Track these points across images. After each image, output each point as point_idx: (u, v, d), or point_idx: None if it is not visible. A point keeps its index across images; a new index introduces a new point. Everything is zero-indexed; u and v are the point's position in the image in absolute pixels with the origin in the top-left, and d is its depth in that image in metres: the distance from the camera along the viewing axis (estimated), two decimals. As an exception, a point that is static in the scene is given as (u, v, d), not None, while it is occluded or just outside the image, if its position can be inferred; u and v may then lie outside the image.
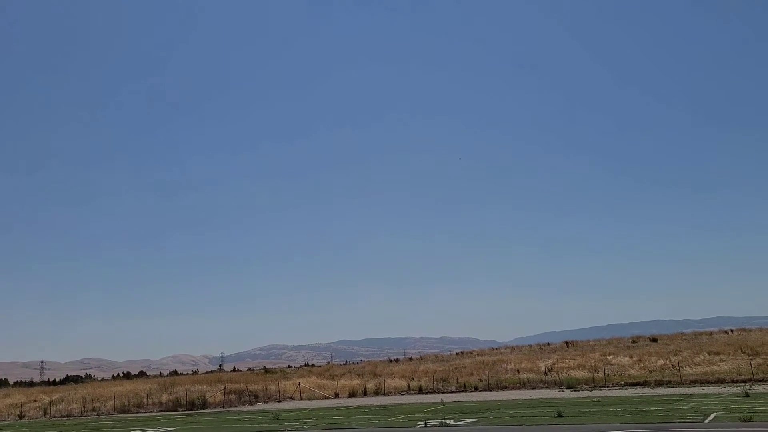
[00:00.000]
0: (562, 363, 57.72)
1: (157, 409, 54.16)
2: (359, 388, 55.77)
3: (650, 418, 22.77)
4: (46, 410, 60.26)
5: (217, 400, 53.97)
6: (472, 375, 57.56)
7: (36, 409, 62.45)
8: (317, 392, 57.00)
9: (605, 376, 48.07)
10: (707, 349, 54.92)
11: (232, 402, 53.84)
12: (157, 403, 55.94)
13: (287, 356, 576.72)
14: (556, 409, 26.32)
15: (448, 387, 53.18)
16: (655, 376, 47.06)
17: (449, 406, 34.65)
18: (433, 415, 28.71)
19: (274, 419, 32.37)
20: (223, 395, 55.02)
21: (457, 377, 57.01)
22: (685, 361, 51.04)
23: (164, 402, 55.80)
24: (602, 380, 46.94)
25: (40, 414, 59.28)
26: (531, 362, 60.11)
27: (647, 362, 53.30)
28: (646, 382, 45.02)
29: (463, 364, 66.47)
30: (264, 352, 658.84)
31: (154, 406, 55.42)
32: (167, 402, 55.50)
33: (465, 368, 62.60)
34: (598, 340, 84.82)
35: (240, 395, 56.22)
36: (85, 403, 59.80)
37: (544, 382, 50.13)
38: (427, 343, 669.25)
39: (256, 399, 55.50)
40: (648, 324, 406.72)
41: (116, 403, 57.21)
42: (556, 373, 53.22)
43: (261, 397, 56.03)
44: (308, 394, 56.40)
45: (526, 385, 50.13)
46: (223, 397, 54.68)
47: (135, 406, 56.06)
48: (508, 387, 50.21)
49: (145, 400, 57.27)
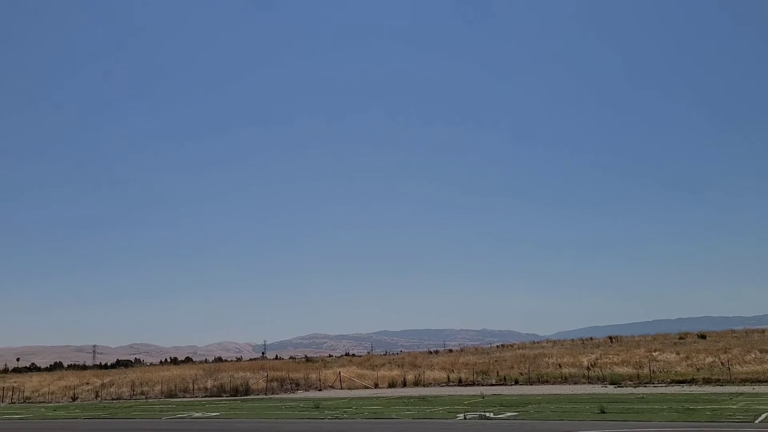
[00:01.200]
0: (606, 358, 56.73)
1: (202, 394, 55.53)
2: (399, 378, 56.01)
3: (697, 417, 22.23)
4: (97, 393, 62.50)
5: (259, 387, 55.00)
6: (513, 368, 57.14)
7: (88, 391, 64.83)
8: (357, 382, 57.50)
9: (650, 372, 47.05)
10: (759, 347, 53.22)
11: (274, 389, 54.78)
12: (202, 389, 57.36)
13: (328, 345, 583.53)
14: (598, 405, 25.95)
15: (488, 380, 52.93)
16: (703, 374, 45.83)
17: (489, 398, 34.52)
18: (473, 408, 28.65)
19: (315, 407, 32.83)
20: (266, 383, 56.03)
21: (497, 370, 56.69)
22: (735, 359, 49.56)
23: (209, 388, 57.18)
24: (647, 377, 45.98)
25: (92, 396, 61.53)
26: (573, 357, 59.29)
27: (695, 359, 51.95)
28: (693, 379, 43.91)
29: (504, 357, 66.05)
30: (305, 341, 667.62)
31: (199, 391, 56.85)
32: (212, 388, 56.85)
33: (505, 361, 62.19)
34: (644, 336, 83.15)
35: (282, 383, 57.16)
36: (135, 387, 61.79)
37: (587, 377, 49.40)
38: (468, 335, 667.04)
39: (297, 387, 56.35)
40: (696, 320, 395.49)
41: (164, 388, 58.92)
42: (599, 368, 52.37)
43: (302, 386, 56.86)
44: (348, 384, 56.94)
45: (568, 379, 49.50)
46: (265, 384, 55.69)
47: (181, 391, 57.64)
48: (549, 381, 49.67)
49: (191, 386, 58.81)
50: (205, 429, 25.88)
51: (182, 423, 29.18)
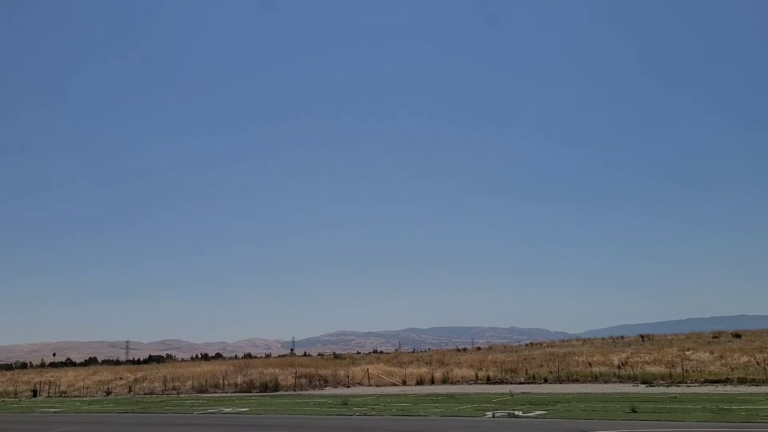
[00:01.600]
0: (637, 357, 55.83)
1: (232, 390, 56.23)
2: (427, 376, 55.94)
3: (732, 417, 21.75)
4: (130, 387, 63.73)
5: (288, 384, 55.47)
6: (542, 366, 56.60)
7: (122, 386, 66.17)
8: (385, 379, 57.59)
9: (683, 372, 46.17)
10: (796, 347, 51.79)
11: (303, 386, 55.19)
12: (232, 384, 58.09)
13: (356, 342, 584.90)
14: (630, 404, 25.56)
15: (516, 378, 52.55)
16: (738, 373, 44.75)
17: (518, 397, 34.28)
18: (501, 406, 28.48)
19: (344, 404, 32.98)
20: (295, 379, 56.47)
21: (526, 368, 56.22)
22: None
23: (239, 383, 57.87)
24: (680, 376, 45.13)
25: (125, 391, 62.77)
26: (603, 355, 58.48)
27: (729, 359, 50.78)
28: (728, 379, 42.91)
29: (533, 356, 65.47)
30: (333, 338, 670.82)
31: (229, 387, 57.58)
32: (242, 384, 57.53)
33: (534, 359, 61.64)
34: (676, 335, 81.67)
35: (310, 379, 57.57)
36: (166, 382, 62.86)
37: (618, 376, 48.69)
38: (496, 333, 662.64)
39: (325, 384, 56.67)
40: (731, 319, 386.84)
41: (194, 383, 59.82)
42: (631, 367, 51.56)
43: (330, 382, 57.17)
44: (376, 381, 57.07)
45: (599, 378, 48.84)
46: (294, 380, 56.14)
47: (212, 387, 58.45)
48: (579, 380, 49.08)
49: (221, 381, 59.60)
50: (236, 424, 26.19)
51: (213, 418, 29.60)
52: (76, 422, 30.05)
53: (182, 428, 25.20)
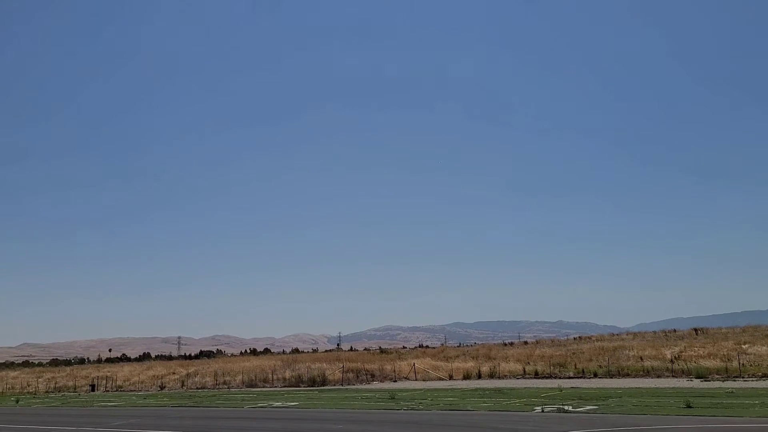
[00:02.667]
0: (691, 351, 54.35)
1: (280, 384, 57.14)
2: (473, 370, 55.71)
3: (793, 413, 21.00)
4: (183, 382, 65.47)
5: (336, 378, 56.04)
6: (591, 361, 55.67)
7: (175, 380, 68.03)
8: (432, 373, 57.61)
9: (740, 366, 44.72)
10: None
11: (350, 380, 55.66)
12: (280, 379, 59.04)
13: (401, 337, 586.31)
14: (684, 399, 24.93)
15: (565, 372, 51.83)
16: (798, 367, 43.15)
17: (567, 391, 33.83)
18: (551, 401, 28.18)
19: (391, 398, 33.17)
20: (342, 373, 57.02)
21: (574, 363, 55.41)
22: (834, 353, 46.35)
23: (287, 378, 58.77)
24: (736, 371, 43.72)
25: (178, 385, 64.51)
26: (655, 349, 57.14)
27: (789, 352, 48.98)
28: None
29: (581, 350, 64.43)
30: (379, 333, 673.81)
31: (278, 381, 58.54)
32: (290, 378, 58.40)
33: (583, 354, 60.66)
34: (732, 328, 79.07)
35: (357, 374, 58.01)
36: (217, 377, 64.35)
37: (670, 370, 47.49)
38: (543, 327, 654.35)
39: (372, 378, 57.03)
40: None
41: (244, 378, 61.03)
42: (684, 361, 50.22)
43: (377, 377, 57.51)
44: (423, 375, 57.15)
45: (650, 373, 47.72)
46: (341, 375, 56.69)
47: (261, 381, 59.53)
48: (630, 375, 48.07)
49: (270, 376, 60.65)
50: (285, 418, 26.66)
51: (264, 412, 30.19)
52: (133, 416, 31.09)
53: (235, 422, 25.81)
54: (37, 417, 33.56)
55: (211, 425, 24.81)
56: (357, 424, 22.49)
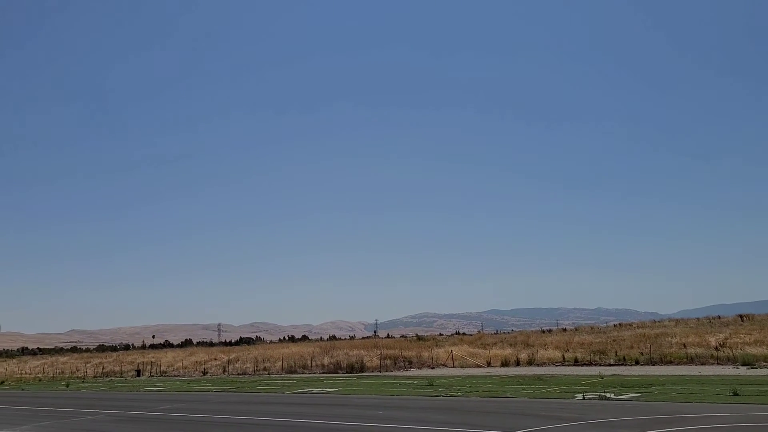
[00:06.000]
0: (736, 338, 52.97)
1: (319, 371, 57.86)
2: (512, 357, 55.41)
3: None
4: (224, 368, 66.83)
5: (373, 365, 56.46)
6: (632, 348, 54.76)
7: (216, 366, 69.50)
8: (469, 360, 57.52)
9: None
10: None
11: (388, 367, 56.00)
12: (319, 365, 59.77)
13: (438, 324, 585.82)
14: (730, 387, 24.39)
15: (605, 360, 51.14)
16: None
17: (608, 379, 33.41)
18: (592, 388, 27.87)
19: (429, 385, 33.27)
20: (379, 360, 57.40)
21: (615, 350, 54.56)
22: None
23: (326, 364, 59.46)
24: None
25: (219, 371, 65.90)
26: (699, 336, 55.88)
27: (841, 340, 47.35)
28: (839, 361, 40.05)
29: (622, 337, 63.42)
30: (415, 320, 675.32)
31: (316, 368, 59.28)
32: (328, 365, 59.08)
33: (624, 341, 59.71)
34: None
35: (395, 361, 58.33)
36: (257, 363, 65.49)
37: (715, 358, 46.43)
38: (581, 314, 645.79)
39: (410, 365, 57.28)
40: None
41: (284, 364, 61.99)
42: (729, 348, 48.98)
43: (415, 364, 57.72)
44: (460, 362, 57.11)
45: (694, 360, 46.75)
46: (379, 362, 57.07)
47: (300, 367, 60.38)
48: (673, 362, 47.14)
49: (308, 362, 61.45)
50: (326, 403, 27.01)
51: (304, 397, 30.65)
52: (178, 400, 31.91)
53: (277, 407, 26.25)
54: (88, 401, 34.72)
55: (253, 410, 25.30)
56: (397, 410, 22.65)
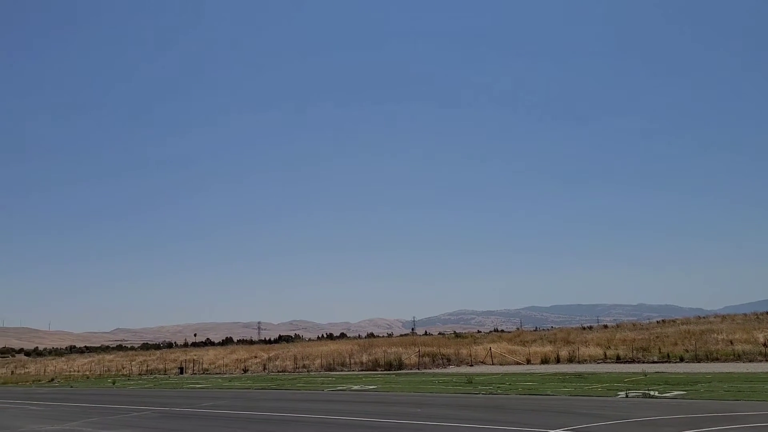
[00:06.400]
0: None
1: (358, 368, 58.15)
2: (552, 355, 54.75)
3: None
4: (265, 365, 67.77)
5: (412, 362, 56.48)
6: (677, 345, 53.57)
7: (257, 364, 70.51)
8: (508, 358, 57.07)
9: (843, 350, 41.89)
10: None
11: (426, 364, 55.96)
12: (357, 363, 60.07)
13: (476, 321, 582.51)
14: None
15: (649, 357, 50.09)
16: None
17: (652, 376, 32.74)
18: (635, 386, 27.36)
19: (468, 382, 33.14)
20: (418, 357, 57.40)
21: (659, 347, 53.43)
22: None
23: (364, 362, 59.73)
24: (839, 355, 40.99)
25: (260, 369, 66.83)
26: (746, 332, 54.34)
27: None
28: None
29: (666, 333, 62.15)
30: (453, 317, 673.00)
31: (355, 365, 59.60)
32: (367, 362, 59.33)
33: (668, 337, 58.49)
34: (832, 310, 74.18)
35: (433, 358, 58.23)
36: (297, 361, 66.18)
37: (764, 354, 45.04)
38: (623, 310, 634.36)
39: (448, 362, 57.12)
40: None
41: (322, 362, 62.50)
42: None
43: (453, 361, 57.53)
44: (499, 360, 56.71)
45: (741, 357, 45.43)
46: (417, 359, 57.07)
47: (339, 365, 60.78)
48: (719, 359, 45.92)
49: (347, 360, 61.82)
50: (365, 401, 27.15)
51: (343, 395, 30.85)
52: (220, 397, 32.50)
53: (317, 404, 26.50)
54: (134, 398, 35.64)
55: (294, 407, 25.59)
56: (437, 408, 22.62)
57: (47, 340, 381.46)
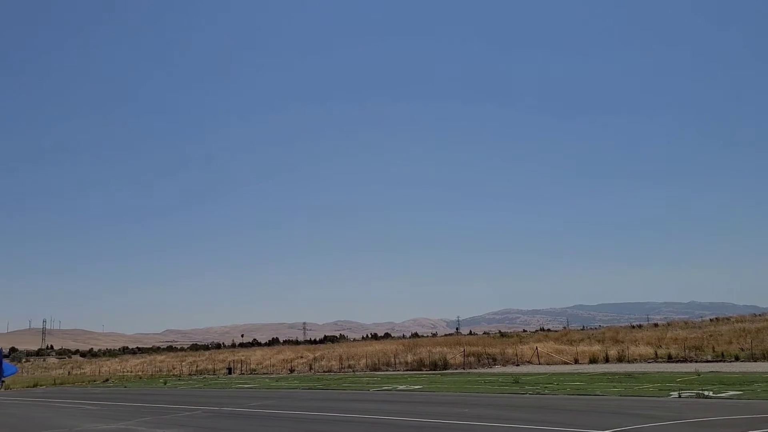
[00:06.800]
0: None
1: (402, 368, 58.24)
2: (600, 354, 53.75)
3: None
4: (310, 365, 68.54)
5: (457, 362, 56.25)
6: (731, 343, 51.94)
7: (303, 364, 71.37)
8: (555, 357, 56.26)
9: None
10: None
11: (471, 364, 55.66)
12: (402, 363, 60.16)
13: (521, 321, 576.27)
14: (844, 385, 22.69)
15: (702, 356, 48.69)
16: None
17: (705, 376, 31.82)
18: (688, 386, 26.63)
19: (515, 382, 32.82)
20: (463, 357, 57.13)
21: (712, 345, 51.92)
22: None
23: (409, 362, 59.76)
24: None
25: (306, 369, 67.62)
26: (807, 330, 52.27)
27: None
28: None
29: (719, 331, 60.28)
30: (498, 317, 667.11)
31: (400, 365, 59.70)
32: (412, 362, 59.35)
33: (722, 336, 56.75)
34: None
35: (479, 358, 57.87)
36: (342, 361, 66.70)
37: (826, 353, 43.31)
38: (673, 308, 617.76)
39: (494, 362, 56.68)
40: None
41: (367, 361, 62.82)
42: (842, 343, 45.58)
43: (499, 361, 57.06)
44: (546, 359, 55.95)
45: (802, 356, 43.78)
46: (462, 359, 56.81)
47: (384, 365, 60.99)
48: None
49: (392, 360, 61.97)
50: (411, 401, 27.18)
51: (389, 394, 30.96)
52: (268, 397, 33.02)
53: (363, 404, 26.67)
54: (184, 397, 36.53)
55: (341, 407, 25.81)
56: (483, 408, 22.49)
57: (101, 342, 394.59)
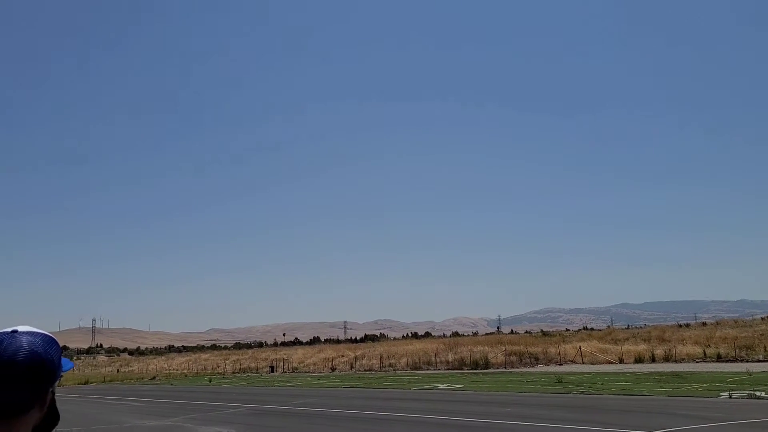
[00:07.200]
0: None
1: (443, 367, 58.02)
2: (646, 353, 52.50)
3: None
4: (351, 364, 68.88)
5: (498, 361, 55.75)
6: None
7: (344, 363, 71.78)
8: (599, 357, 55.21)
9: None
10: None
11: (513, 363, 55.08)
12: (443, 362, 59.93)
13: (563, 319, 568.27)
14: None
15: (753, 356, 47.11)
16: None
17: (757, 376, 30.78)
18: (739, 386, 25.82)
19: (558, 382, 32.37)
20: (504, 356, 56.59)
21: (764, 345, 50.12)
22: None
23: (450, 361, 59.49)
24: None
25: (347, 368, 67.99)
26: None
27: None
28: None
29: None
30: (540, 315, 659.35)
31: (441, 364, 59.49)
32: (452, 361, 59.06)
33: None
34: None
35: (521, 357, 57.22)
36: (383, 359, 66.83)
37: None
38: (722, 306, 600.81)
39: (536, 361, 55.97)
40: None
41: (408, 360, 62.79)
42: None
43: (541, 360, 56.31)
44: (590, 359, 54.96)
45: None
46: (504, 358, 56.28)
47: (424, 364, 60.87)
48: (835, 358, 42.61)
49: (433, 359, 61.80)
50: (453, 399, 27.09)
51: (430, 394, 30.91)
52: (310, 395, 33.35)
53: (405, 403, 26.69)
54: (229, 395, 37.20)
55: (383, 406, 25.88)
56: (526, 408, 22.25)
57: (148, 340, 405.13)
